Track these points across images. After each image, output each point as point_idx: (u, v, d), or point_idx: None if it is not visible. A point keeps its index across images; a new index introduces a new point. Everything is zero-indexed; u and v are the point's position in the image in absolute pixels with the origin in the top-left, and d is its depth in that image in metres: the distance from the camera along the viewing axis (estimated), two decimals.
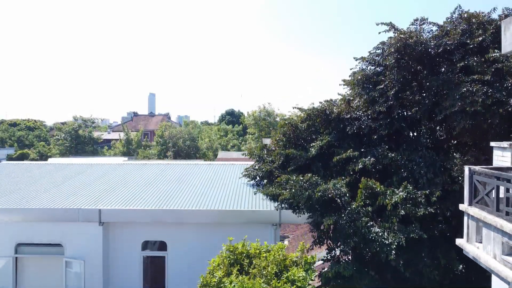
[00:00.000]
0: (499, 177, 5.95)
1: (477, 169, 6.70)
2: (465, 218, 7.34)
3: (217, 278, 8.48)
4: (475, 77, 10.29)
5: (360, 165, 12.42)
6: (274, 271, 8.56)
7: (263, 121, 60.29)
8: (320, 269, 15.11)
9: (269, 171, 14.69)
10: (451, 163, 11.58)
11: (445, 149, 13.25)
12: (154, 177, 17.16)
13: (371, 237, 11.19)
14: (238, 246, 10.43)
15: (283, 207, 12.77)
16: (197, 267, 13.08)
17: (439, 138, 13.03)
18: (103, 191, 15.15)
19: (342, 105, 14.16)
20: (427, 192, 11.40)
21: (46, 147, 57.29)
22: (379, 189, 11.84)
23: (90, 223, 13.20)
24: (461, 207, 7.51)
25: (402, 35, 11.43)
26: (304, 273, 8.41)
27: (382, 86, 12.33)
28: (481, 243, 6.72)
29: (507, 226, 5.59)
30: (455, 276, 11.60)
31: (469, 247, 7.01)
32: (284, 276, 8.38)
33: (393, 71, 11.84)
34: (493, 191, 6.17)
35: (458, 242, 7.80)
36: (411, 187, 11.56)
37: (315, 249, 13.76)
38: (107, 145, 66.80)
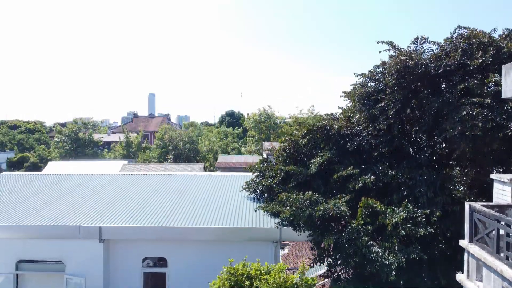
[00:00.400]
0: (499, 220, 5.97)
1: (477, 207, 6.70)
2: (466, 254, 7.36)
3: None
4: (475, 100, 10.31)
5: (360, 183, 12.44)
6: None
7: (263, 124, 60.34)
8: (320, 286, 15.15)
9: (270, 186, 14.72)
10: (451, 183, 11.61)
11: (446, 165, 13.29)
12: (154, 190, 17.16)
13: (371, 257, 11.21)
14: (238, 267, 10.45)
15: (284, 224, 12.78)
16: (198, 283, 13.15)
17: (440, 154, 13.06)
18: (103, 205, 15.16)
19: (342, 121, 14.18)
20: (428, 211, 11.41)
21: (46, 150, 57.29)
22: (379, 208, 11.86)
23: (90, 240, 13.21)
24: (461, 243, 7.53)
25: (402, 56, 11.44)
26: None
27: (382, 104, 12.35)
28: (481, 282, 6.74)
29: (507, 272, 5.61)
30: None
31: (470, 284, 7.03)
32: None
33: (394, 90, 11.85)
34: (494, 231, 6.18)
35: (458, 278, 7.82)
36: (411, 207, 11.58)
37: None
38: (107, 147, 66.77)
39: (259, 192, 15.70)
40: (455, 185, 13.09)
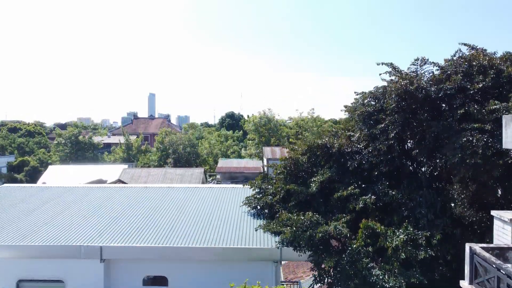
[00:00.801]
0: (499, 269, 5.98)
1: (478, 250, 6.72)
2: None
3: None
4: (476, 126, 10.32)
5: (361, 204, 12.47)
6: None
7: (263, 127, 60.39)
8: None
9: (270, 203, 14.75)
10: (452, 204, 11.63)
11: (446, 183, 13.30)
12: (154, 205, 17.17)
13: (371, 279, 11.22)
14: None
15: (284, 244, 12.80)
16: None
17: (440, 172, 13.08)
18: (103, 222, 15.18)
19: (343, 139, 14.19)
20: (428, 234, 11.43)
21: (46, 154, 57.26)
22: (379, 230, 11.88)
23: (91, 260, 13.23)
24: (461, 284, 7.55)
25: (403, 80, 11.44)
26: None
27: (383, 125, 12.36)
28: None
29: None
30: None
31: None
32: None
33: (394, 112, 11.86)
34: (494, 278, 6.20)
35: None
36: (411, 229, 11.60)
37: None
38: (107, 150, 66.79)
39: (259, 207, 15.73)
40: (456, 204, 13.09)
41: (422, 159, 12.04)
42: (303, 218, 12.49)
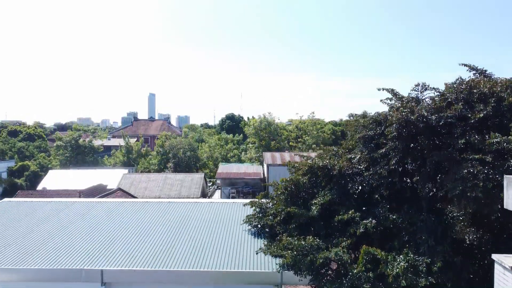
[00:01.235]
0: None
1: None
2: None
3: None
4: (476, 157, 10.30)
5: (361, 229, 12.47)
6: None
7: (263, 131, 60.42)
8: None
9: (271, 224, 14.77)
10: (453, 231, 11.62)
11: (447, 204, 13.29)
12: (154, 223, 17.20)
13: None
14: None
15: (285, 268, 12.80)
16: None
17: (440, 197, 13.06)
18: (104, 241, 15.21)
19: (343, 161, 14.17)
20: (428, 260, 11.42)
21: (46, 158, 57.27)
22: (380, 256, 11.88)
23: (92, 283, 13.25)
24: None
25: (403, 108, 11.43)
26: None
27: (383, 150, 12.36)
28: None
29: None
30: None
31: None
32: None
33: (395, 139, 11.85)
34: None
35: None
36: (412, 255, 11.60)
37: None
38: (108, 153, 66.75)
39: (260, 226, 15.74)
40: (456, 223, 13.07)
41: (422, 186, 12.02)
42: (303, 243, 12.48)
